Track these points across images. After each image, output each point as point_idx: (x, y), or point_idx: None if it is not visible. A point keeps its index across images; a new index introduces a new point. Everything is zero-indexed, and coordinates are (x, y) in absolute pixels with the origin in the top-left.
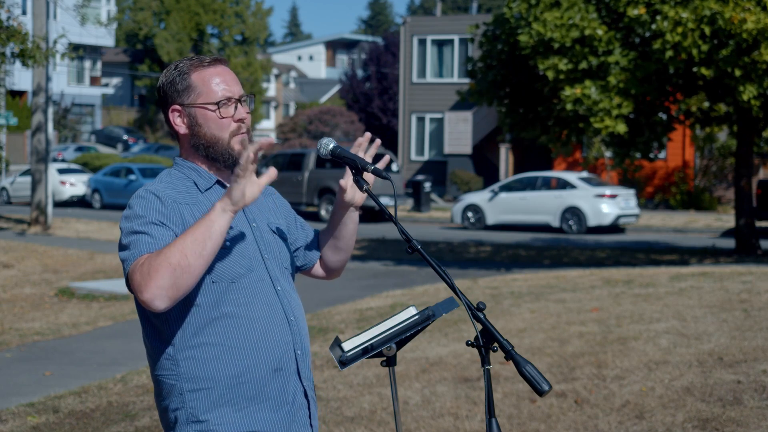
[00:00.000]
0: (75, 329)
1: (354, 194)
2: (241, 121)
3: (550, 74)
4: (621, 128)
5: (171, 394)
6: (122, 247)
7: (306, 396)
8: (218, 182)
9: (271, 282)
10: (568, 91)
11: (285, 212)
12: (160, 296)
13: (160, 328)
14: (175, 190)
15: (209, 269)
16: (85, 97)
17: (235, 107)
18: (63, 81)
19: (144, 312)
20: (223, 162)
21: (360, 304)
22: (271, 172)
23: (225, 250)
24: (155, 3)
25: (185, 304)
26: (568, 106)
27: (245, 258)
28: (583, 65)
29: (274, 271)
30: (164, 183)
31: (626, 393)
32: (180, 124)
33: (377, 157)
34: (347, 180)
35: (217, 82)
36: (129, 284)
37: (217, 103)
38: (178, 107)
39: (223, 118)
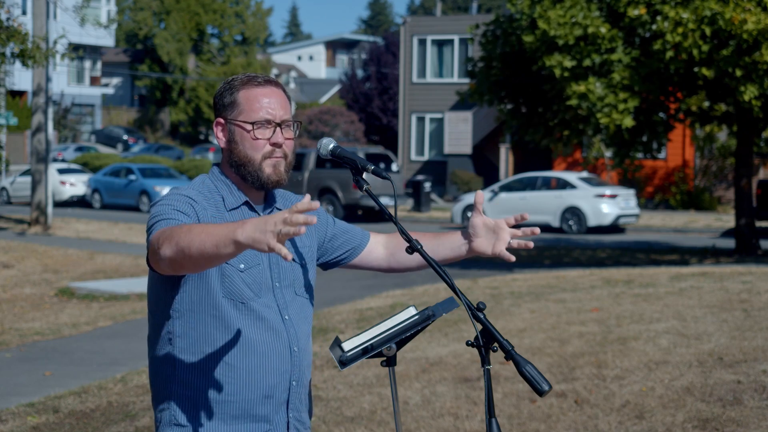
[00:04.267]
0: (75, 329)
1: (489, 243)
2: (276, 145)
3: (557, 71)
4: (628, 122)
5: (160, 393)
6: (150, 226)
7: (288, 428)
8: (246, 203)
9: (279, 310)
10: (573, 87)
11: (319, 226)
12: (163, 259)
13: (166, 320)
14: (205, 200)
15: (222, 284)
16: (85, 97)
17: (274, 131)
18: (63, 81)
19: (152, 302)
20: (252, 183)
21: (360, 304)
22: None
23: (238, 271)
24: (155, 3)
25: (195, 310)
26: (574, 101)
27: (255, 283)
28: (587, 63)
29: (284, 299)
30: (196, 191)
31: (626, 393)
32: (221, 138)
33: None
34: (481, 219)
35: (261, 103)
36: (149, 248)
37: (253, 123)
38: (222, 121)
39: (257, 139)
